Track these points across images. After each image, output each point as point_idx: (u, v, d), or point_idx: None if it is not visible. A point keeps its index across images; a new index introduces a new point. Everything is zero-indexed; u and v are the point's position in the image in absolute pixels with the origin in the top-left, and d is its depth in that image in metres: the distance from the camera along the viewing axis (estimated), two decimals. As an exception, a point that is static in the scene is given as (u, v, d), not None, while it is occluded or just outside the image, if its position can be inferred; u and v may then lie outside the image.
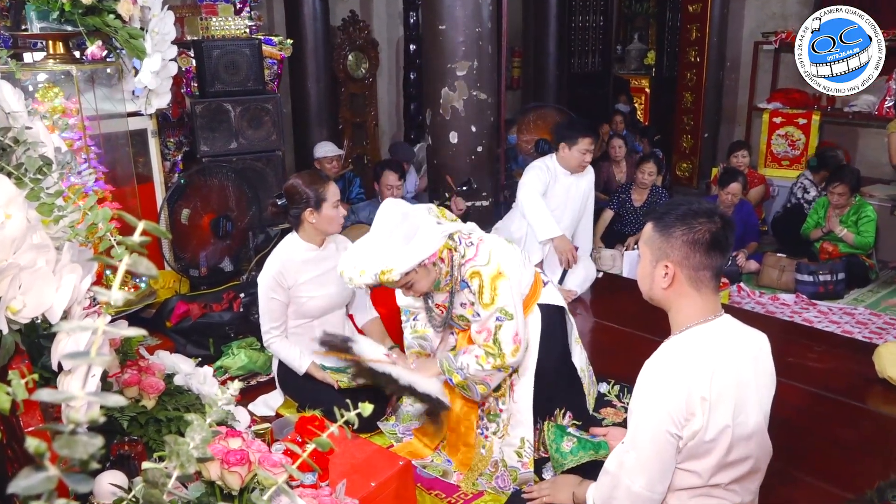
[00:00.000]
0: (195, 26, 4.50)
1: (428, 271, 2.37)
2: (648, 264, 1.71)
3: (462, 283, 2.40)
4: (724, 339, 1.65)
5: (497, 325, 2.35)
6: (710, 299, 1.67)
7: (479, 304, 2.36)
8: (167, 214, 3.76)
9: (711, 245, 1.63)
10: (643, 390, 1.64)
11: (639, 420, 1.64)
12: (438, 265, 2.38)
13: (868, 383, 3.16)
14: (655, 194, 5.43)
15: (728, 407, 1.58)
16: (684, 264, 1.65)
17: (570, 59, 8.33)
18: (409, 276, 2.34)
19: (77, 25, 3.11)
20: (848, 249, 4.88)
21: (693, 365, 1.59)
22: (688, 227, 1.64)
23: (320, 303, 2.86)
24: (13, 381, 0.84)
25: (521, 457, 2.44)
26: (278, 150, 4.39)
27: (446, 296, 2.46)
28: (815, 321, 4.28)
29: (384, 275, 2.30)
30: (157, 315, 3.52)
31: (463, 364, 2.42)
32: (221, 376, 3.17)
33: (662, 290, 1.68)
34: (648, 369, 1.66)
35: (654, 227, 1.69)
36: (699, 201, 1.72)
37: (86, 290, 1.48)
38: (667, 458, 1.62)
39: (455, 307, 2.45)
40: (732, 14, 7.04)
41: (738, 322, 1.74)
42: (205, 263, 3.88)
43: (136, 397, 2.05)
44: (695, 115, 7.07)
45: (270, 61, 4.88)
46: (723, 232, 1.64)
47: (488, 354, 2.37)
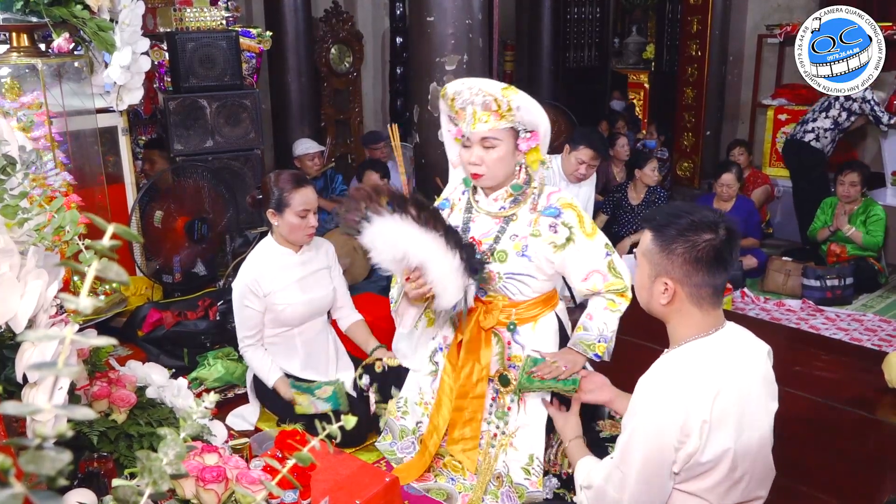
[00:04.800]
0: (168, 17, 4.48)
1: (514, 155, 2.27)
2: (647, 278, 1.70)
3: (551, 208, 2.30)
4: (726, 354, 1.65)
5: (609, 261, 2.30)
6: (711, 314, 1.67)
7: (582, 233, 2.28)
8: (139, 217, 3.75)
9: (714, 262, 1.62)
10: (637, 408, 1.65)
11: (630, 439, 1.64)
12: (524, 168, 2.31)
13: (878, 393, 3.19)
14: (653, 192, 5.47)
15: (730, 428, 1.58)
16: (685, 282, 1.64)
17: (566, 53, 8.38)
18: (511, 129, 2.23)
19: (42, 16, 3.09)
20: (856, 251, 4.92)
21: (692, 384, 1.59)
22: (690, 244, 1.61)
23: (300, 310, 2.86)
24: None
25: (530, 475, 2.41)
26: (257, 149, 4.39)
27: (499, 221, 2.34)
28: (822, 328, 4.31)
29: (508, 91, 2.18)
30: (128, 324, 3.51)
31: (601, 326, 2.31)
32: (196, 388, 3.16)
33: (661, 306, 1.69)
34: (643, 386, 1.66)
35: (653, 239, 1.67)
36: (701, 210, 1.68)
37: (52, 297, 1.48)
38: (657, 481, 1.63)
39: (504, 239, 2.32)
40: (735, 6, 7.09)
41: (743, 331, 1.73)
42: (179, 269, 3.87)
43: (106, 411, 2.04)
44: (696, 112, 7.12)
45: (248, 55, 4.88)
46: (727, 246, 1.62)
47: (615, 294, 2.30)
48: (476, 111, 2.22)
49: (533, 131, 2.26)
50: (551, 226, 2.29)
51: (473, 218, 2.39)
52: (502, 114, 2.21)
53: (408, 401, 2.66)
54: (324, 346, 2.98)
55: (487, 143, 2.23)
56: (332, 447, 0.97)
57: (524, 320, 2.43)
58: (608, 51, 9.08)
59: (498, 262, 2.33)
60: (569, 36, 8.46)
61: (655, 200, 5.52)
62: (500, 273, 2.34)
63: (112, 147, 3.71)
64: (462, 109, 2.25)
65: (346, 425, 0.96)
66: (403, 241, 2.17)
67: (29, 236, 1.54)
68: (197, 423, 0.99)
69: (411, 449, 2.66)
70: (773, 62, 6.98)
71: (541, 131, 2.26)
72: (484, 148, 2.24)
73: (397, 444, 2.69)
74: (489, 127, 2.21)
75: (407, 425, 2.67)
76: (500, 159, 2.25)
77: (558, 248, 2.29)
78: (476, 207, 2.40)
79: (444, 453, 2.57)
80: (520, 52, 8.30)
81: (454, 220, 2.42)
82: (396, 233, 2.17)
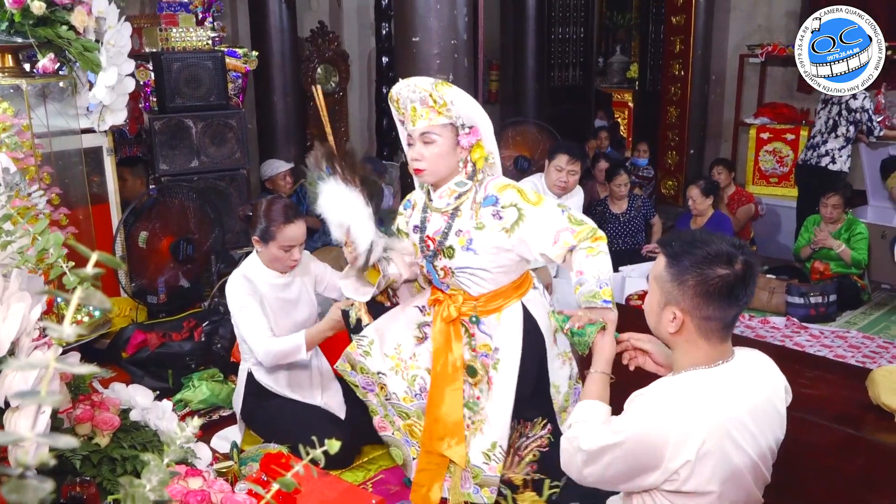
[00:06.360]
0: (154, 38, 4.49)
1: (456, 151, 2.30)
2: (656, 304, 1.69)
3: (488, 197, 2.30)
4: (724, 388, 1.63)
5: (567, 216, 2.26)
6: (718, 348, 1.66)
7: (529, 204, 2.26)
8: (123, 237, 3.73)
9: (726, 297, 1.60)
10: (626, 421, 1.65)
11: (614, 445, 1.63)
12: (466, 163, 2.33)
13: (863, 410, 3.21)
14: (635, 199, 5.55)
15: (715, 465, 1.58)
16: (694, 314, 1.62)
17: (550, 73, 8.43)
18: (450, 124, 2.27)
19: (27, 37, 3.09)
20: (840, 269, 4.96)
21: (683, 418, 1.58)
22: (702, 278, 1.59)
23: (287, 332, 2.84)
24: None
25: (489, 460, 2.39)
26: (242, 169, 4.39)
27: (446, 218, 2.36)
28: (806, 345, 4.34)
29: (441, 86, 2.25)
30: (112, 345, 3.48)
31: (595, 273, 2.22)
32: (181, 410, 3.13)
33: (669, 334, 1.69)
34: (637, 403, 1.66)
35: (667, 266, 1.65)
36: (720, 241, 1.63)
37: (35, 320, 1.47)
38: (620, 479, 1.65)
39: (451, 235, 2.34)
40: (717, 26, 7.18)
41: (753, 364, 1.71)
42: (163, 289, 3.85)
43: (89, 434, 2.02)
44: (680, 131, 7.19)
45: (234, 74, 4.89)
46: (741, 282, 1.59)
47: (588, 240, 2.24)
48: (416, 108, 2.27)
49: (472, 127, 2.30)
50: (494, 214, 2.29)
51: (429, 217, 2.41)
52: (438, 109, 2.25)
53: (373, 343, 2.56)
54: (316, 368, 2.97)
55: (427, 139, 2.27)
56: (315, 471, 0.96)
57: (486, 312, 2.41)
58: (592, 70, 9.14)
59: (447, 258, 2.36)
60: (553, 55, 8.51)
61: (640, 207, 5.59)
62: (452, 268, 2.36)
63: (97, 167, 3.70)
64: (405, 109, 2.30)
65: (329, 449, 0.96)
66: (340, 204, 2.29)
67: (12, 259, 1.53)
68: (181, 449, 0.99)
69: (373, 389, 2.58)
70: (755, 81, 7.07)
71: (480, 126, 2.31)
72: (424, 143, 2.28)
73: (357, 375, 2.60)
74: (427, 123, 2.26)
75: (369, 366, 2.55)
76: (440, 155, 2.28)
77: (510, 230, 2.27)
78: (430, 207, 2.42)
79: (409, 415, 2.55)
80: (505, 71, 8.35)
81: (414, 219, 2.47)
82: (336, 196, 2.29)
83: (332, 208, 2.34)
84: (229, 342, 3.53)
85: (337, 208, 2.33)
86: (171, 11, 4.65)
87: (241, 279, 2.81)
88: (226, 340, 3.53)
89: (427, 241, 2.39)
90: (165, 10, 4.66)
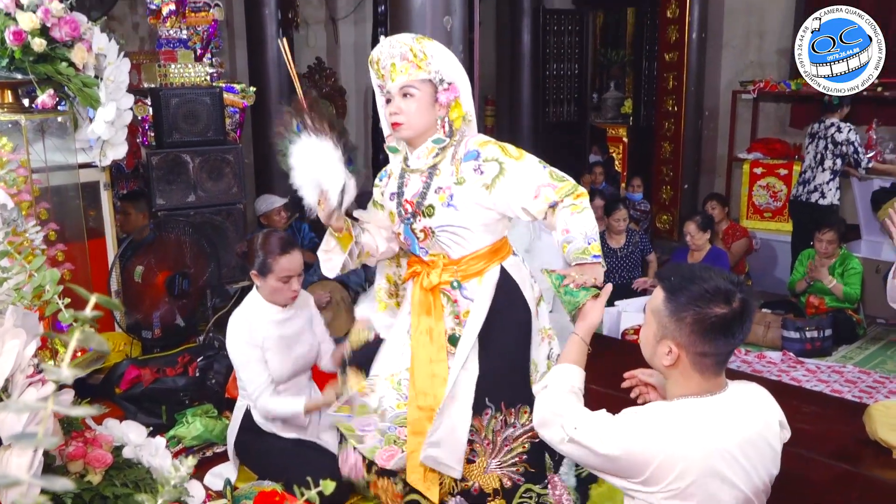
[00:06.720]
0: (153, 73, 4.53)
1: (434, 108, 2.31)
2: (652, 336, 1.70)
3: (470, 152, 2.30)
4: (716, 420, 1.63)
5: (549, 171, 2.27)
6: (711, 381, 1.67)
7: (510, 158, 2.27)
8: (119, 272, 3.73)
9: (723, 334, 1.61)
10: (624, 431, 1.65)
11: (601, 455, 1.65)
12: (444, 122, 2.33)
13: (861, 445, 3.19)
14: (633, 235, 5.57)
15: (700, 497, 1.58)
16: (690, 349, 1.64)
17: (545, 108, 8.52)
18: (428, 80, 2.28)
19: (27, 73, 3.12)
20: (834, 303, 4.97)
21: (670, 446, 1.58)
22: (700, 316, 1.60)
23: (288, 367, 2.83)
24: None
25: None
26: (239, 203, 4.40)
27: (424, 178, 2.35)
28: (803, 380, 4.33)
29: (422, 39, 2.29)
30: (105, 380, 3.46)
31: (581, 229, 2.21)
32: (174, 447, 3.10)
33: (664, 366, 1.69)
34: (630, 420, 1.66)
35: (665, 301, 1.66)
36: (718, 276, 1.65)
37: (30, 357, 1.46)
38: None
39: (430, 193, 2.33)
40: (709, 63, 7.27)
41: (747, 397, 1.71)
42: (158, 324, 3.84)
43: (81, 472, 2.00)
44: (674, 166, 7.24)
45: (232, 110, 4.93)
46: (738, 319, 1.61)
47: (571, 196, 2.24)
48: (395, 63, 2.29)
49: (451, 84, 2.32)
50: (475, 169, 2.29)
51: (406, 182, 2.41)
52: (419, 63, 2.27)
53: (377, 375, 2.53)
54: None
55: (406, 91, 2.28)
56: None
57: (468, 276, 2.37)
58: (587, 106, 9.24)
59: (427, 217, 2.34)
60: (548, 91, 8.62)
61: (638, 242, 5.61)
62: (432, 228, 2.33)
63: (93, 201, 3.70)
64: (385, 68, 2.32)
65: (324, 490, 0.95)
66: (311, 159, 2.29)
67: (7, 296, 1.53)
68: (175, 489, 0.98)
69: (371, 428, 2.50)
70: (748, 117, 7.14)
71: (458, 84, 2.34)
72: (403, 97, 2.29)
73: (355, 419, 2.53)
74: (407, 77, 2.28)
75: (370, 403, 2.51)
76: (419, 109, 2.29)
77: (490, 185, 2.27)
78: (408, 171, 2.42)
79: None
80: (500, 106, 8.44)
81: (391, 187, 2.47)
82: (306, 152, 2.29)
83: (303, 168, 2.32)
84: (224, 377, 3.51)
85: (308, 165, 2.31)
86: (170, 48, 4.69)
87: (243, 324, 2.78)
88: (220, 376, 3.51)
89: (405, 204, 2.38)
90: (164, 47, 4.70)
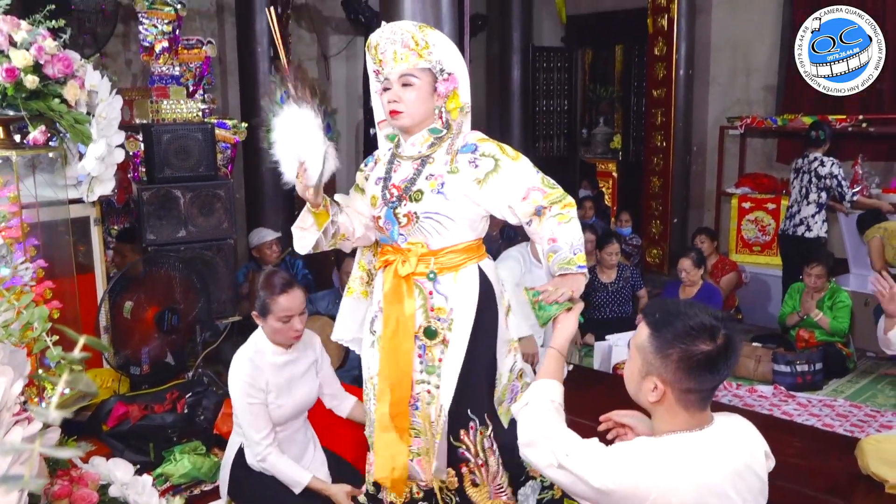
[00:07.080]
0: (145, 109, 4.55)
1: (433, 98, 2.31)
2: (637, 372, 1.70)
3: (468, 145, 2.31)
4: (705, 455, 1.63)
5: (541, 177, 2.27)
6: (697, 416, 1.67)
7: (507, 157, 2.27)
8: (108, 307, 3.71)
9: (708, 371, 1.62)
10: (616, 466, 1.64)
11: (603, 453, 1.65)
12: (441, 112, 2.34)
13: (853, 479, 3.18)
14: (624, 269, 5.59)
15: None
16: (676, 386, 1.64)
17: (535, 143, 8.60)
18: (428, 69, 2.29)
19: (19, 109, 3.12)
20: (824, 337, 4.99)
21: (663, 481, 1.58)
22: (686, 352, 1.61)
23: (288, 410, 2.79)
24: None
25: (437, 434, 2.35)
26: (230, 238, 4.40)
27: (416, 165, 2.34)
28: (794, 414, 4.33)
29: (424, 28, 2.29)
30: (93, 417, 3.42)
31: (568, 240, 2.21)
32: (162, 485, 3.07)
33: (649, 402, 1.69)
34: (621, 456, 1.65)
35: (649, 337, 1.66)
36: (702, 312, 1.65)
37: (17, 395, 1.45)
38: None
39: (420, 179, 2.31)
40: (697, 99, 7.38)
41: (733, 431, 1.71)
42: (147, 360, 3.81)
43: (67, 512, 1.97)
44: (663, 201, 7.29)
45: (224, 145, 4.95)
46: (724, 354, 1.61)
47: (559, 206, 2.23)
48: (396, 51, 2.28)
49: (451, 74, 2.33)
50: (471, 161, 2.28)
51: (395, 168, 2.39)
52: (420, 52, 2.28)
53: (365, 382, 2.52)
54: (302, 442, 2.91)
55: (406, 81, 2.28)
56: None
57: (445, 269, 2.34)
58: (577, 141, 9.33)
59: (413, 202, 2.31)
60: (538, 127, 8.71)
61: (629, 277, 5.63)
62: (417, 213, 2.30)
63: (83, 237, 3.69)
64: (384, 54, 2.31)
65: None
66: (293, 130, 2.29)
67: (-5, 333, 1.52)
68: (162, 529, 0.97)
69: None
70: (735, 152, 7.23)
71: (458, 75, 2.34)
72: (402, 86, 2.29)
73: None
74: (407, 65, 2.28)
75: (371, 409, 2.49)
76: (419, 98, 2.29)
77: (482, 181, 2.26)
78: (399, 157, 2.41)
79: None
80: (491, 142, 8.49)
81: (377, 172, 2.46)
82: (289, 123, 2.29)
83: (284, 141, 2.32)
84: (213, 414, 3.48)
85: (289, 137, 2.30)
86: (163, 84, 4.73)
87: (246, 366, 2.73)
88: (209, 412, 3.48)
89: (391, 188, 2.36)
90: (157, 83, 4.73)
